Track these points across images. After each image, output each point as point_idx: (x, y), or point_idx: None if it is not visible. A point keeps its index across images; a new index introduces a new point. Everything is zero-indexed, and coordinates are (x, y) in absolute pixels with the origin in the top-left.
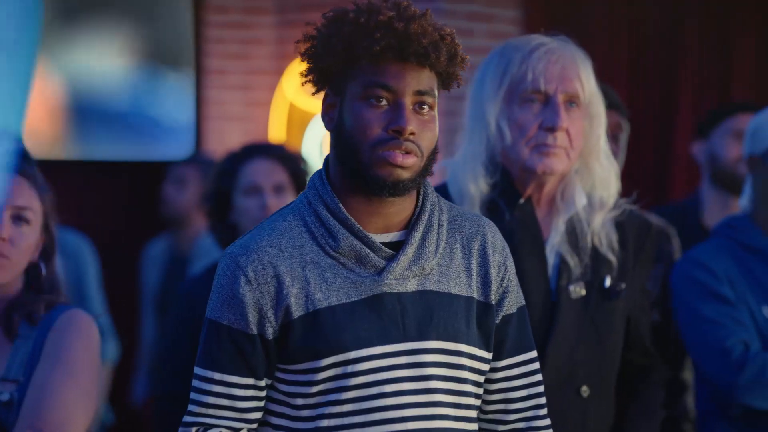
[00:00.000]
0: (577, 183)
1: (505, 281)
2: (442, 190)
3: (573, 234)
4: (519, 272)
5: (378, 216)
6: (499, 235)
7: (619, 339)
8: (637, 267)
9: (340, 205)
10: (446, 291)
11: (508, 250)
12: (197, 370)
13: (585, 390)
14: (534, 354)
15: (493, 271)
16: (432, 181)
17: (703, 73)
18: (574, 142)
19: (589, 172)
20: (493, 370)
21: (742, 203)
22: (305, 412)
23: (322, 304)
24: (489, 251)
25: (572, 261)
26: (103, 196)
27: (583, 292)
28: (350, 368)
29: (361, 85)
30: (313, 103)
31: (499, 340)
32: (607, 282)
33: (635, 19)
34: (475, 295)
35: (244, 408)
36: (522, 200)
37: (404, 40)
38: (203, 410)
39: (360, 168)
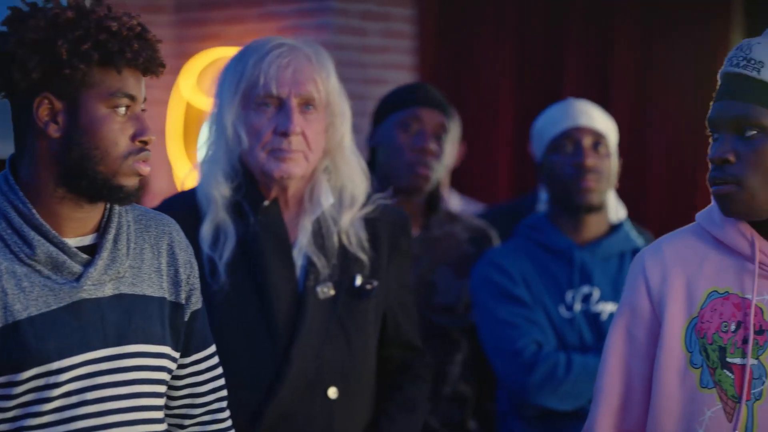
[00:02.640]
0: (324, 183)
1: (192, 278)
2: (192, 194)
3: (320, 234)
4: (265, 275)
5: (76, 221)
6: (182, 233)
7: (371, 338)
8: (394, 263)
9: (33, 210)
10: (140, 293)
11: (191, 248)
12: None
13: (333, 391)
14: (214, 348)
15: (181, 270)
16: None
17: (584, 75)
18: (312, 145)
19: (336, 170)
20: (181, 366)
21: (539, 205)
22: (2, 427)
23: (22, 315)
24: (177, 250)
25: (319, 262)
26: None
27: (332, 292)
28: (53, 379)
29: (104, 93)
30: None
31: (187, 337)
32: (357, 281)
33: (522, 17)
34: (166, 296)
35: None
36: (267, 203)
37: (154, 52)
38: None
39: (100, 177)
